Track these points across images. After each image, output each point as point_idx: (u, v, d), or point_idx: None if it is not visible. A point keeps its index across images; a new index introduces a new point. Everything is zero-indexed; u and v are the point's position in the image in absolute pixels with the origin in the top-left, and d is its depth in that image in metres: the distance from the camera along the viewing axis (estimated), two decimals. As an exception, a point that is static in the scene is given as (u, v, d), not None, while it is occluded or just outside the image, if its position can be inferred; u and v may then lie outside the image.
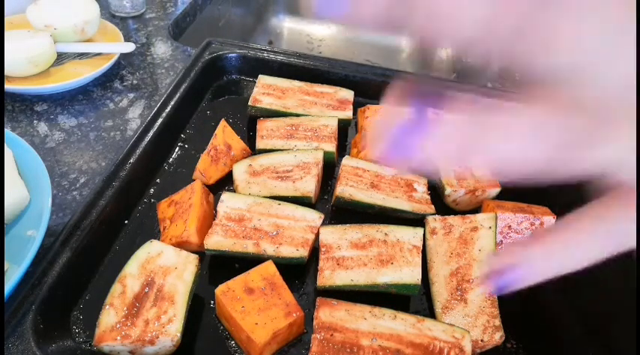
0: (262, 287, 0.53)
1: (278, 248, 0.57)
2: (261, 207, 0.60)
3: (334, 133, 0.71)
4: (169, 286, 0.52)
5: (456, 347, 0.50)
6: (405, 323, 0.51)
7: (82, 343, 0.51)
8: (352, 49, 1.42)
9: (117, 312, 0.50)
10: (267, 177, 0.65)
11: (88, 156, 0.73)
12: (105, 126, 0.78)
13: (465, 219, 0.61)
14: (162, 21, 1.05)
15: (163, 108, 0.73)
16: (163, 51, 0.96)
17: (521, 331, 0.56)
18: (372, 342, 0.49)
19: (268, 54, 0.85)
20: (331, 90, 0.79)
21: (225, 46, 0.86)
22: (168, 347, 0.49)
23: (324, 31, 1.45)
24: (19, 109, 0.80)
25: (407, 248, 0.57)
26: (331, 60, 0.86)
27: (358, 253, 0.57)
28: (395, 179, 0.66)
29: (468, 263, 0.58)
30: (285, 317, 0.51)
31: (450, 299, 0.56)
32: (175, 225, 0.59)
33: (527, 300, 0.60)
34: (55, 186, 0.68)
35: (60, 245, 0.55)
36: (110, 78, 0.88)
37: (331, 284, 0.56)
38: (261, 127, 0.72)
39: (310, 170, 0.65)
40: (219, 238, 0.57)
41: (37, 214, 0.56)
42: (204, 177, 0.67)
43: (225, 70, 0.87)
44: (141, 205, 0.65)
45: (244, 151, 0.71)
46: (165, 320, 0.49)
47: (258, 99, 0.76)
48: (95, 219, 0.58)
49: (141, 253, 0.54)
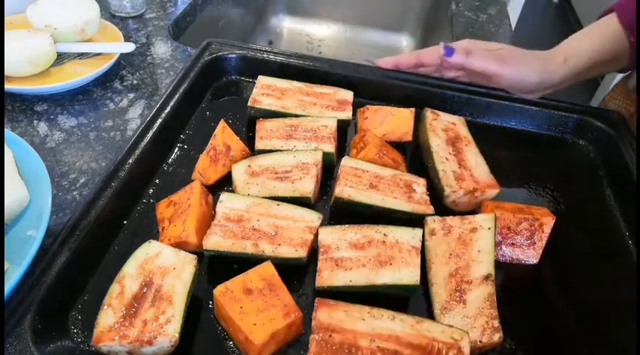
0: (261, 287, 0.53)
1: (277, 248, 0.57)
2: (260, 208, 0.60)
3: (333, 134, 0.71)
4: (168, 286, 0.52)
5: (455, 348, 0.49)
6: (404, 324, 0.51)
7: (80, 343, 0.51)
8: (352, 49, 1.42)
9: (115, 312, 0.50)
10: (266, 177, 0.65)
11: (88, 156, 0.73)
12: (105, 126, 0.79)
13: (464, 220, 0.61)
14: (162, 21, 1.05)
15: (163, 109, 0.73)
16: (163, 51, 0.96)
17: (520, 332, 0.56)
18: (370, 343, 0.49)
19: (268, 55, 0.85)
20: (330, 91, 0.79)
21: (225, 47, 0.86)
22: (166, 348, 0.49)
23: (324, 31, 1.45)
24: (19, 109, 0.81)
25: (406, 248, 0.57)
26: (331, 60, 0.86)
27: (357, 254, 0.57)
28: (394, 179, 0.66)
29: (467, 264, 0.58)
30: (284, 318, 0.51)
31: (448, 300, 0.56)
32: (174, 225, 0.59)
33: (526, 301, 0.60)
34: (55, 186, 0.68)
35: (58, 245, 0.55)
36: (110, 78, 0.88)
37: (330, 285, 0.56)
38: (260, 128, 0.72)
39: (309, 170, 0.65)
40: (218, 239, 0.57)
41: (37, 214, 0.56)
42: (203, 178, 0.67)
43: (224, 70, 0.87)
44: (140, 205, 0.65)
45: (243, 152, 0.71)
46: (164, 320, 0.49)
47: (258, 99, 0.76)
48: (94, 219, 0.58)
49: (139, 253, 0.54)
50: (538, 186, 0.74)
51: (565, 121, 0.82)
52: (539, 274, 0.63)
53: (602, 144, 0.79)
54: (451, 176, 0.67)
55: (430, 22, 1.36)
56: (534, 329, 0.57)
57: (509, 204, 0.64)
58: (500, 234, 0.62)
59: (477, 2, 1.23)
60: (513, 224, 0.62)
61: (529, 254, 0.63)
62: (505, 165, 0.76)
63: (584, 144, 0.81)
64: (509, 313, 0.56)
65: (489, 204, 0.64)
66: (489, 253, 0.58)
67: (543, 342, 0.56)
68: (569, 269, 0.64)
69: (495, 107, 0.82)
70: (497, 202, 0.65)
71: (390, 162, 0.69)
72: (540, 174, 0.76)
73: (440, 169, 0.68)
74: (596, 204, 0.73)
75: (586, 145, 0.81)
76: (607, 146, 0.78)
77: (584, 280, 0.63)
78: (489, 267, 0.57)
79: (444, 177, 0.67)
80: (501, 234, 0.62)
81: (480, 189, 0.66)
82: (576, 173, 0.78)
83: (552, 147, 0.81)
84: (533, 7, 3.28)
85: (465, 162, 0.70)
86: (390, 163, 0.69)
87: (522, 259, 0.63)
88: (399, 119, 0.76)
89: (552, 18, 3.54)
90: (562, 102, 0.82)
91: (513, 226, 0.62)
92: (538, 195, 0.73)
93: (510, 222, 0.62)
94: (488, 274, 0.57)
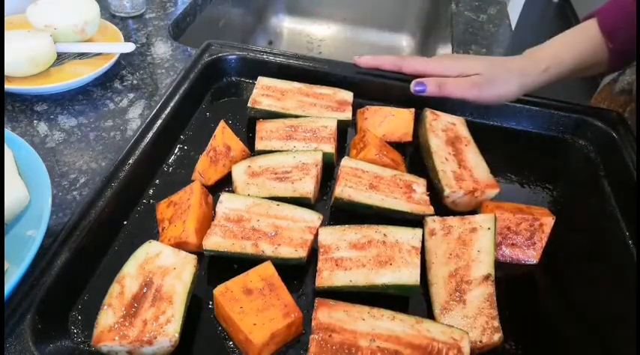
0: (261, 287, 0.53)
1: (277, 248, 0.57)
2: (259, 208, 0.61)
3: (333, 134, 0.71)
4: (168, 286, 0.52)
5: (455, 348, 0.49)
6: (404, 324, 0.51)
7: (80, 343, 0.51)
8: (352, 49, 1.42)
9: (115, 312, 0.50)
10: (266, 178, 0.65)
11: (88, 156, 0.73)
12: (105, 126, 0.79)
13: (464, 220, 0.61)
14: (162, 21, 1.05)
15: (163, 110, 0.73)
16: (163, 51, 0.96)
17: (520, 332, 0.56)
18: (370, 343, 0.49)
19: (268, 55, 0.85)
20: (330, 92, 0.79)
21: (225, 48, 0.86)
22: (166, 348, 0.49)
23: (324, 31, 1.45)
24: (19, 109, 0.81)
25: (406, 249, 0.57)
26: (330, 61, 0.86)
27: (357, 254, 0.57)
28: (394, 180, 0.66)
29: (467, 264, 0.58)
30: (284, 318, 0.51)
31: (448, 300, 0.56)
32: (174, 225, 0.59)
33: (526, 301, 0.60)
34: (55, 186, 0.68)
35: (58, 245, 0.55)
36: (110, 78, 0.88)
37: (330, 285, 0.56)
38: (260, 128, 0.72)
39: (309, 171, 0.65)
40: (218, 239, 0.58)
41: (37, 214, 0.56)
42: (203, 178, 0.67)
43: (224, 71, 0.87)
44: (140, 206, 0.65)
45: (243, 152, 0.71)
46: (164, 320, 0.49)
47: (258, 100, 0.76)
48: (94, 219, 0.58)
49: (139, 253, 0.54)
50: (538, 186, 0.74)
51: (565, 121, 0.82)
52: (539, 274, 0.63)
53: (602, 144, 0.79)
54: (451, 176, 0.67)
55: (430, 22, 1.36)
56: (534, 329, 0.57)
57: (509, 204, 0.64)
58: (500, 234, 0.62)
59: (477, 2, 1.23)
60: (513, 224, 0.62)
61: (529, 254, 0.63)
62: (505, 165, 0.76)
63: (584, 144, 0.81)
64: (509, 313, 0.56)
65: (489, 204, 0.64)
66: (489, 253, 0.58)
67: (543, 342, 0.56)
68: (569, 269, 0.64)
69: (495, 107, 0.82)
70: (497, 202, 0.65)
71: (390, 163, 0.69)
72: (540, 174, 0.76)
73: (440, 169, 0.68)
74: (596, 204, 0.73)
75: (586, 145, 0.81)
76: (607, 146, 0.78)
77: (584, 280, 0.63)
78: (489, 267, 0.57)
79: (444, 178, 0.67)
80: (501, 234, 0.62)
81: (480, 189, 0.66)
82: (576, 173, 0.78)
83: (552, 147, 0.81)
84: (533, 7, 3.28)
85: (465, 163, 0.70)
86: (390, 164, 0.69)
87: (522, 259, 0.63)
88: (398, 119, 0.76)
89: (552, 18, 3.55)
90: (562, 102, 0.82)
91: (513, 226, 0.62)
92: (538, 195, 0.73)
93: (510, 222, 0.62)
94: (488, 274, 0.57)
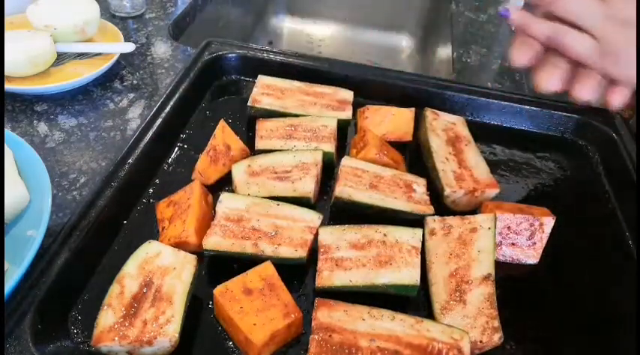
0: (261, 287, 0.53)
1: (277, 248, 0.57)
2: (259, 208, 0.60)
3: (333, 134, 0.71)
4: (168, 286, 0.52)
5: (455, 348, 0.49)
6: (404, 324, 0.51)
7: (80, 343, 0.51)
8: (352, 49, 1.42)
9: (115, 313, 0.50)
10: (266, 177, 0.65)
11: (88, 156, 0.73)
12: (105, 126, 0.79)
13: (464, 220, 0.61)
14: (162, 21, 1.05)
15: (162, 109, 0.73)
16: (163, 51, 0.96)
17: (520, 332, 0.56)
18: (370, 343, 0.49)
19: (268, 54, 0.85)
20: (330, 91, 0.79)
21: (225, 47, 0.86)
22: (166, 348, 0.49)
23: (324, 31, 1.45)
24: (19, 109, 0.81)
25: (406, 248, 0.57)
26: (331, 60, 0.86)
27: (357, 254, 0.57)
28: (394, 179, 0.66)
29: (467, 264, 0.58)
30: (284, 318, 0.51)
31: (448, 300, 0.56)
32: (174, 225, 0.59)
33: (526, 301, 0.60)
34: (55, 186, 0.68)
35: (58, 245, 0.55)
36: (110, 78, 0.88)
37: (330, 285, 0.56)
38: (260, 127, 0.72)
39: (309, 170, 0.65)
40: (218, 239, 0.57)
41: (37, 214, 0.56)
42: (203, 178, 0.67)
43: (224, 70, 0.87)
44: (140, 205, 0.65)
45: (243, 151, 0.71)
46: (164, 320, 0.49)
47: (258, 99, 0.76)
48: (94, 219, 0.58)
49: (139, 253, 0.54)
50: (538, 186, 0.74)
51: (565, 121, 0.82)
52: (539, 274, 0.63)
53: (602, 144, 0.79)
54: (451, 176, 0.67)
55: (430, 22, 1.36)
56: (534, 329, 0.57)
57: (509, 204, 0.64)
58: (500, 234, 0.62)
59: (477, 2, 1.23)
60: (513, 224, 0.62)
61: (529, 254, 0.63)
62: (505, 165, 0.76)
63: (584, 144, 0.81)
64: (509, 313, 0.56)
65: (489, 204, 0.64)
66: (489, 253, 0.58)
67: (543, 342, 0.56)
68: (569, 269, 0.64)
69: (495, 107, 0.82)
70: (497, 202, 0.64)
71: (390, 162, 0.69)
72: (540, 174, 0.76)
73: (440, 169, 0.68)
74: (596, 204, 0.73)
75: (586, 145, 0.81)
76: (607, 146, 0.78)
77: (584, 280, 0.63)
78: (489, 267, 0.57)
79: (444, 177, 0.67)
80: (501, 234, 0.62)
81: (480, 189, 0.66)
82: (576, 173, 0.78)
83: (552, 147, 0.81)
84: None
85: (465, 162, 0.70)
86: (390, 163, 0.69)
87: (522, 259, 0.63)
88: (399, 119, 0.76)
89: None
90: (562, 102, 0.82)
91: (513, 226, 0.62)
92: (538, 195, 0.73)
93: (510, 221, 0.62)
94: (488, 274, 0.57)
